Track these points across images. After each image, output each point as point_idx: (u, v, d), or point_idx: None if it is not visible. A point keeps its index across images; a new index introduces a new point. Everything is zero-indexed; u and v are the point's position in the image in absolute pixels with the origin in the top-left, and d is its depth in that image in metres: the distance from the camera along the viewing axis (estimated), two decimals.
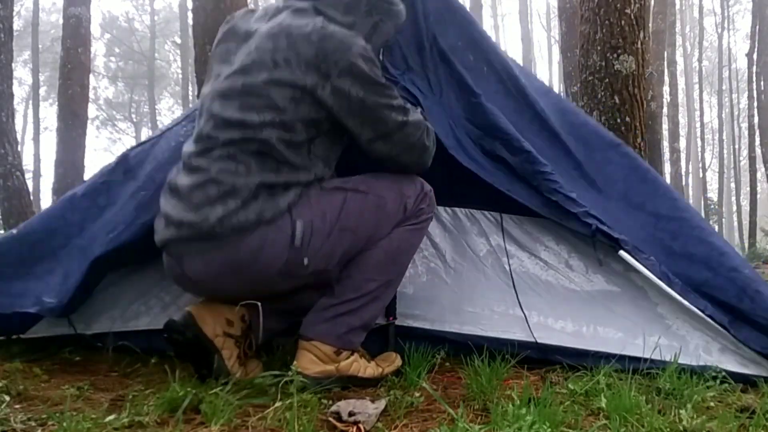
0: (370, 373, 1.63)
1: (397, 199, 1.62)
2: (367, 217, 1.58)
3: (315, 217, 1.50)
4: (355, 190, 1.58)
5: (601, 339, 1.85)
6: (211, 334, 1.51)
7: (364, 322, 1.62)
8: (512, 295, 1.98)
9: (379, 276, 1.61)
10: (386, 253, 1.61)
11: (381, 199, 1.60)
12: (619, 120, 4.01)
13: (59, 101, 9.12)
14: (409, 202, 1.64)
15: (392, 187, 1.63)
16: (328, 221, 1.52)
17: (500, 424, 1.21)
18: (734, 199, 27.29)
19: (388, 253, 1.61)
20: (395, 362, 1.73)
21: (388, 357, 1.76)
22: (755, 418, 1.29)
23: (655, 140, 9.27)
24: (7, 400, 1.41)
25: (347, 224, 1.55)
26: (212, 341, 1.51)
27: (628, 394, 1.37)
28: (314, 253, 1.51)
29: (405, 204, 1.63)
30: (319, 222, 1.51)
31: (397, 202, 1.62)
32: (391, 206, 1.61)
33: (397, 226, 1.63)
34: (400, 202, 1.63)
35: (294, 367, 1.43)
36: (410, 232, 1.66)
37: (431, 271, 2.13)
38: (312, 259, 1.51)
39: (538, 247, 2.02)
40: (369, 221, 1.58)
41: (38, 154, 17.78)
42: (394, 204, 1.62)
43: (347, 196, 1.57)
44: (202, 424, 1.30)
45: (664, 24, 11.50)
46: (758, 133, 14.43)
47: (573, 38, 8.17)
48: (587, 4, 4.09)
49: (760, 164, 14.39)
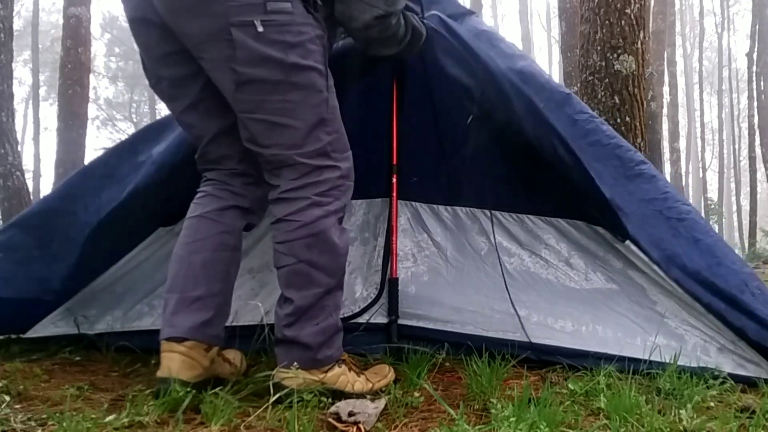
0: (359, 388, 1.53)
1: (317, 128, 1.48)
2: (300, 105, 1.44)
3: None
4: (309, 88, 1.45)
5: (601, 339, 1.85)
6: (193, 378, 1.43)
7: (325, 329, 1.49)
8: (513, 294, 1.98)
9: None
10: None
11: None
12: (619, 120, 4.01)
13: (59, 101, 9.11)
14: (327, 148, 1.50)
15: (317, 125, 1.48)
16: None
17: (500, 424, 1.21)
18: (734, 199, 27.30)
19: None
20: (387, 376, 1.64)
21: (381, 370, 1.67)
22: (755, 418, 1.29)
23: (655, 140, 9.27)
24: (7, 400, 1.41)
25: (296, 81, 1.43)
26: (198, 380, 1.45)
27: (628, 394, 1.37)
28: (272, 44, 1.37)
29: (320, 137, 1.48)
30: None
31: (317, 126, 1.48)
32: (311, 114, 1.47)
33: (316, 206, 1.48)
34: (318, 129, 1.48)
35: (276, 377, 1.40)
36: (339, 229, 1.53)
37: (433, 270, 2.13)
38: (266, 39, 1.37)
39: (538, 245, 2.03)
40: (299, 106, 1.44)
41: (38, 154, 17.83)
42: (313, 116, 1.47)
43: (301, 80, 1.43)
44: (202, 424, 1.30)
45: (664, 24, 11.50)
46: (758, 133, 14.43)
47: (573, 38, 8.17)
48: (587, 4, 4.09)
49: (760, 164, 14.39)
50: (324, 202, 1.48)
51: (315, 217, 1.47)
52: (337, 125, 1.54)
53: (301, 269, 1.46)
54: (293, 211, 1.47)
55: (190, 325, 1.45)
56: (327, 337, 1.48)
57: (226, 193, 1.60)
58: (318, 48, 1.46)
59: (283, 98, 1.43)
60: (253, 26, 1.35)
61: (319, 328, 1.46)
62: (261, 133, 1.47)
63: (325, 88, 1.49)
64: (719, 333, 1.74)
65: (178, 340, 1.43)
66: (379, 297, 2.16)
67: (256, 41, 1.36)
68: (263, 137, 1.48)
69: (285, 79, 1.41)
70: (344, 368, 1.53)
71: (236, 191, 1.60)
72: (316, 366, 1.46)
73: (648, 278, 1.84)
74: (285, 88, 1.42)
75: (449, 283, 2.10)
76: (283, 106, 1.43)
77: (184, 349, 1.42)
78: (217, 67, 1.42)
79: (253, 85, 1.41)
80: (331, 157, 1.51)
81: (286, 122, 1.45)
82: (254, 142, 1.49)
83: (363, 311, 2.16)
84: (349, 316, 2.16)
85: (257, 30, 1.35)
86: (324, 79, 1.48)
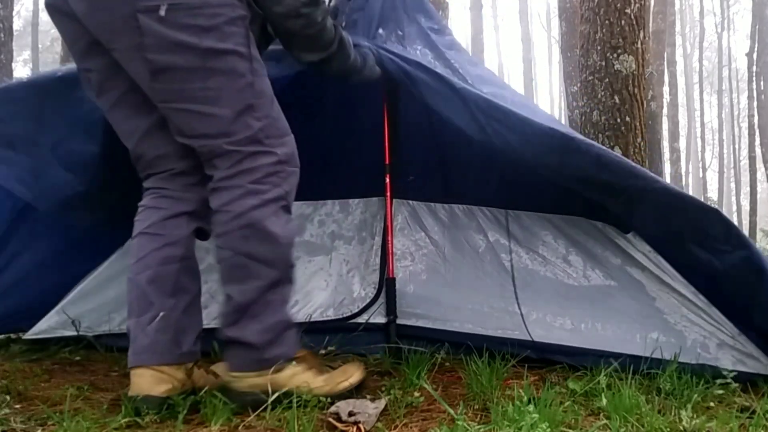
0: (316, 391, 1.40)
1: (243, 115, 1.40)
2: (221, 90, 1.38)
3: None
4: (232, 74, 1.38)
5: (600, 336, 1.85)
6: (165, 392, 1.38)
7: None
8: (511, 292, 1.98)
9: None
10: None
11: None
12: (619, 120, 4.01)
13: None
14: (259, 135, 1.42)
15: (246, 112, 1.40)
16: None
17: (500, 424, 1.21)
18: (734, 199, 27.31)
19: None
20: (353, 376, 1.52)
21: (347, 370, 1.54)
22: (755, 418, 1.29)
23: (655, 140, 9.27)
24: (7, 400, 1.41)
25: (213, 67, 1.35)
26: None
27: (628, 394, 1.37)
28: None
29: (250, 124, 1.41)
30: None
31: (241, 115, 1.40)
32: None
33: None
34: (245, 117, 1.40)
35: (223, 379, 1.37)
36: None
37: (431, 268, 2.13)
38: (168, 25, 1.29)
39: (536, 242, 2.02)
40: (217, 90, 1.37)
41: None
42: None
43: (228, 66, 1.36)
44: (201, 424, 1.30)
45: (664, 24, 11.50)
46: (758, 133, 14.45)
47: (573, 38, 8.17)
48: (587, 4, 4.10)
49: (760, 164, 14.40)
50: (260, 190, 1.39)
51: (250, 206, 1.38)
52: (268, 110, 1.44)
53: (239, 262, 1.39)
54: (227, 201, 1.39)
55: (151, 351, 1.38)
56: (275, 335, 1.39)
57: (165, 201, 1.49)
58: (239, 29, 1.38)
59: (203, 85, 1.35)
60: (157, 11, 1.28)
61: (265, 326, 1.38)
62: (186, 124, 1.40)
63: (249, 71, 1.39)
64: (719, 328, 1.74)
65: (144, 368, 1.38)
66: (378, 297, 2.16)
67: (164, 26, 1.29)
68: (188, 128, 1.40)
69: (202, 65, 1.34)
70: (299, 368, 1.42)
71: (176, 195, 1.49)
72: (265, 366, 1.38)
73: (647, 274, 1.84)
74: (203, 74, 1.35)
75: (447, 282, 2.10)
76: (204, 94, 1.36)
77: (154, 369, 1.38)
78: (129, 56, 1.35)
79: (168, 73, 1.34)
80: (265, 143, 1.41)
81: (210, 110, 1.37)
82: (182, 134, 1.42)
83: (362, 311, 2.16)
84: (348, 316, 2.16)
85: (160, 14, 1.28)
86: (248, 63, 1.39)
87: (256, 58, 1.42)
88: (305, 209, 2.23)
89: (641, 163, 4.24)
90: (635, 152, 4.12)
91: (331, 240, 2.24)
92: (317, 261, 2.22)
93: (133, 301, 1.44)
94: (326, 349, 2.03)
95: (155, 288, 1.42)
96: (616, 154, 1.69)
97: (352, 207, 2.26)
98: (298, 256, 2.21)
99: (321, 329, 2.11)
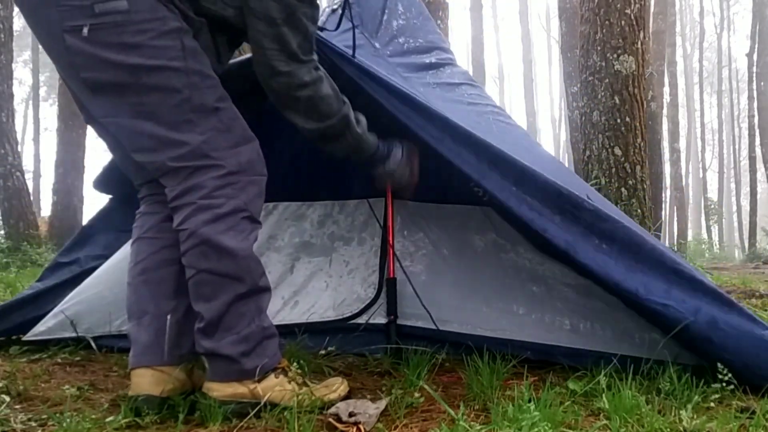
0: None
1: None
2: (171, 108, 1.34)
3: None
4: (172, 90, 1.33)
5: (599, 336, 1.84)
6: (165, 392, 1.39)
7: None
8: (511, 292, 1.98)
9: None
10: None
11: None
12: (619, 120, 4.02)
13: (59, 101, 9.13)
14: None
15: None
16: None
17: (500, 424, 1.21)
18: (734, 199, 27.34)
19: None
20: (337, 392, 1.48)
21: (331, 384, 1.51)
22: (755, 419, 1.29)
23: (655, 140, 9.28)
24: (7, 400, 1.41)
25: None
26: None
27: (628, 394, 1.37)
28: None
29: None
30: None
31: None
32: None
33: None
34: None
35: (204, 388, 1.37)
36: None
37: (430, 269, 2.13)
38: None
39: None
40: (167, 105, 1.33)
41: (38, 154, 17.75)
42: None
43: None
44: (201, 424, 1.30)
45: (664, 24, 11.52)
46: (758, 133, 14.45)
47: (573, 38, 8.18)
48: (587, 5, 4.10)
49: (760, 164, 14.41)
50: (213, 205, 1.34)
51: (202, 222, 1.33)
52: (214, 122, 1.36)
53: (203, 279, 1.35)
54: (182, 219, 1.35)
55: (152, 352, 1.39)
56: (252, 346, 1.37)
57: (160, 205, 1.47)
58: (173, 43, 1.31)
59: (138, 100, 1.32)
60: (81, 31, 1.26)
61: (240, 337, 1.35)
62: (127, 140, 1.38)
63: (186, 86, 1.33)
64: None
65: (144, 368, 1.39)
66: (378, 297, 2.16)
67: (89, 45, 1.27)
68: (131, 145, 1.38)
69: (133, 82, 1.30)
70: (282, 379, 1.40)
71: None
72: (246, 377, 1.36)
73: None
74: (136, 90, 1.31)
75: (447, 282, 2.10)
76: (140, 110, 1.32)
77: (155, 369, 1.39)
78: (68, 74, 1.35)
79: (105, 89, 1.32)
80: (212, 156, 1.35)
81: (146, 127, 1.33)
82: (129, 150, 1.40)
83: (362, 311, 2.16)
84: (349, 317, 2.16)
85: (83, 35, 1.26)
86: (183, 77, 1.32)
87: (196, 70, 1.35)
88: (305, 210, 2.23)
89: (641, 163, 4.24)
90: (635, 152, 4.13)
91: (331, 241, 2.24)
92: (317, 262, 2.22)
93: (131, 304, 1.44)
94: (326, 350, 2.03)
95: (155, 291, 1.43)
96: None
97: (352, 208, 2.25)
98: (299, 256, 2.22)
99: (321, 330, 2.11)
